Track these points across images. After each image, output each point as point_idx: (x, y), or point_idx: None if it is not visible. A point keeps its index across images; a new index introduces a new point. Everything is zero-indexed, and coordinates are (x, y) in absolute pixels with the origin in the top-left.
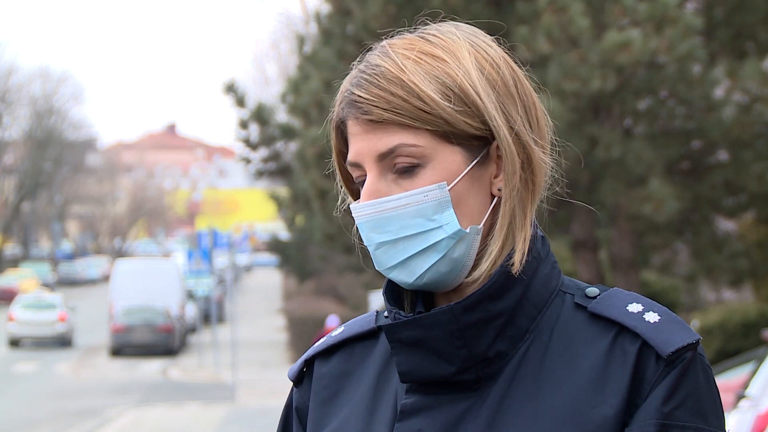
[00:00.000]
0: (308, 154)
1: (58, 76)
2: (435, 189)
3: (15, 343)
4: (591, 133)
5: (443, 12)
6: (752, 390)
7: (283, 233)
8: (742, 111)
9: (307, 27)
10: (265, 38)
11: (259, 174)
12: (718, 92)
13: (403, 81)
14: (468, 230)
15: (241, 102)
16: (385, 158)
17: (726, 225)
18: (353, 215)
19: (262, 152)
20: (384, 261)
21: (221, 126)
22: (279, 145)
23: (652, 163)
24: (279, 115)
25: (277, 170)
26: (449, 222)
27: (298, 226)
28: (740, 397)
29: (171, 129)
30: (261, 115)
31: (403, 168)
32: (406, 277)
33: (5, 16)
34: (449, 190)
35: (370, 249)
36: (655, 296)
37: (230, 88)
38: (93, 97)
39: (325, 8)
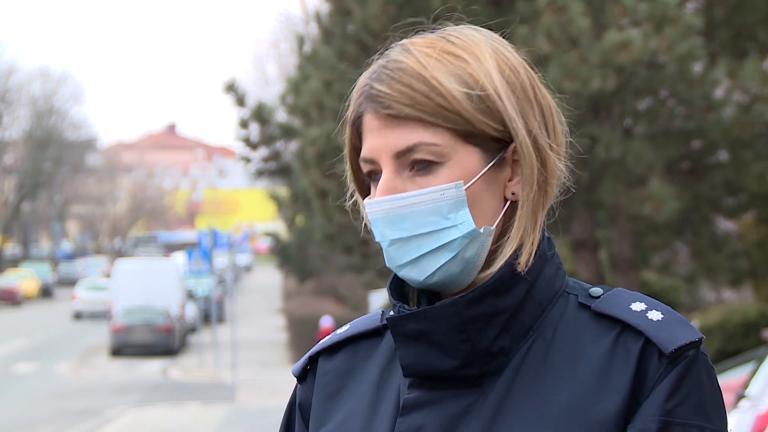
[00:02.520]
0: (308, 154)
1: (58, 76)
2: (452, 188)
3: (78, 316)
4: (591, 133)
5: (443, 12)
6: (752, 390)
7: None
8: (742, 111)
9: (307, 27)
10: (265, 38)
11: (259, 174)
12: (718, 92)
13: (426, 78)
14: (482, 231)
15: (241, 102)
16: (403, 155)
17: (726, 225)
18: (367, 210)
19: (262, 152)
20: (396, 258)
21: (221, 126)
22: (279, 144)
23: (652, 163)
24: (279, 115)
25: (277, 170)
26: (464, 221)
27: (298, 226)
28: (740, 397)
29: (171, 129)
30: (261, 115)
31: (420, 166)
32: (416, 275)
33: (5, 16)
34: (465, 189)
35: (383, 245)
36: (655, 296)
37: (230, 88)
38: (93, 97)
39: (325, 8)
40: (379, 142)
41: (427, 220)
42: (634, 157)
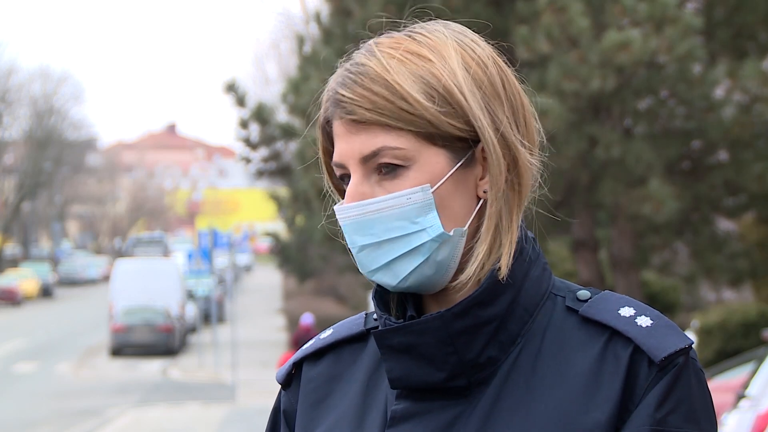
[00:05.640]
0: (308, 154)
1: (58, 76)
2: (418, 191)
3: None
4: (591, 133)
5: (443, 12)
6: (752, 390)
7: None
8: (742, 111)
9: (307, 27)
10: (265, 38)
11: (259, 174)
12: (718, 92)
13: (387, 81)
14: (452, 233)
15: (241, 102)
16: (369, 160)
17: (726, 225)
18: (337, 216)
19: (262, 152)
20: (367, 264)
21: (221, 126)
22: (279, 145)
23: (652, 163)
24: (279, 115)
25: (277, 170)
26: (432, 225)
27: (298, 226)
28: (740, 397)
29: (171, 129)
30: (261, 115)
31: (387, 170)
32: (389, 279)
33: (5, 16)
34: (433, 192)
35: (354, 251)
36: (655, 296)
37: (230, 88)
38: (93, 97)
39: (325, 8)
40: (346, 147)
41: (395, 225)
42: (634, 157)
